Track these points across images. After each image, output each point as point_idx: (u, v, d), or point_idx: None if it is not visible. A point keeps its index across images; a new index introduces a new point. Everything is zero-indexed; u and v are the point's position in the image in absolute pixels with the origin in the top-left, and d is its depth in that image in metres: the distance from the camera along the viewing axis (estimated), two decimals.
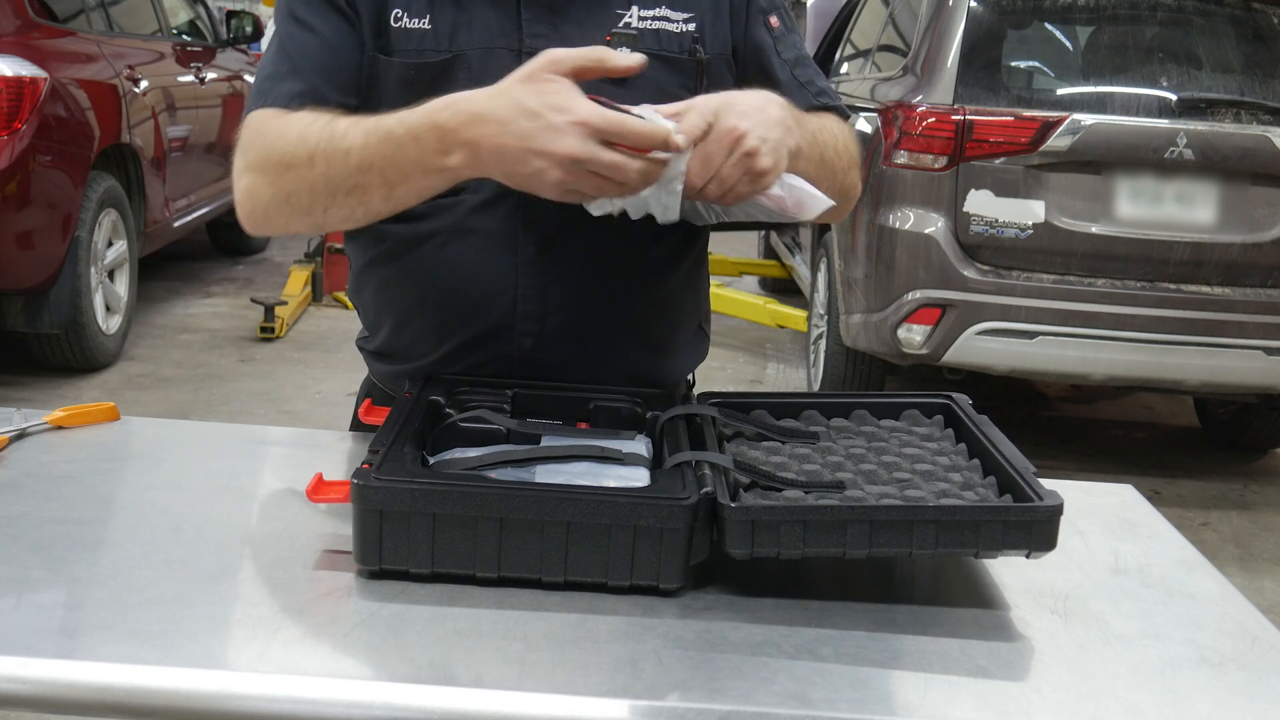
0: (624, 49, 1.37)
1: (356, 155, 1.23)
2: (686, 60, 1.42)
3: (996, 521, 1.11)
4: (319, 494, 1.16)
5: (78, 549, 1.15)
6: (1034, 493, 1.13)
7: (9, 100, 4.47)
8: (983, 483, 1.21)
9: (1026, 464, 1.19)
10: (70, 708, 0.97)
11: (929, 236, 4.30)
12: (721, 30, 1.45)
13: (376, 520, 1.09)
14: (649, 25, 1.41)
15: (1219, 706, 1.02)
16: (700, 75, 1.43)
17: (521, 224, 1.40)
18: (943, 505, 1.13)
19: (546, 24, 1.39)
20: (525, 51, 1.38)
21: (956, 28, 4.42)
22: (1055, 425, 5.44)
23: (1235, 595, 1.24)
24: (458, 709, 0.95)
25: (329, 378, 5.20)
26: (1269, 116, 4.32)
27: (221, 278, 6.97)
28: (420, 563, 1.10)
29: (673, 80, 1.42)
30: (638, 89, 1.37)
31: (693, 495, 1.10)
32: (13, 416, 1.44)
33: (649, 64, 1.35)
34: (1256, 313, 4.25)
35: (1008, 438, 1.27)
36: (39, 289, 4.72)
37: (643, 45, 1.40)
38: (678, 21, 1.43)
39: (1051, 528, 1.11)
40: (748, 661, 1.01)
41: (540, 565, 1.10)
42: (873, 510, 1.10)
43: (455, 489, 1.09)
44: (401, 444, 1.17)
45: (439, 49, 1.39)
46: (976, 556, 1.15)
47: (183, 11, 6.94)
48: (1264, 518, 4.49)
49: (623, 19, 1.41)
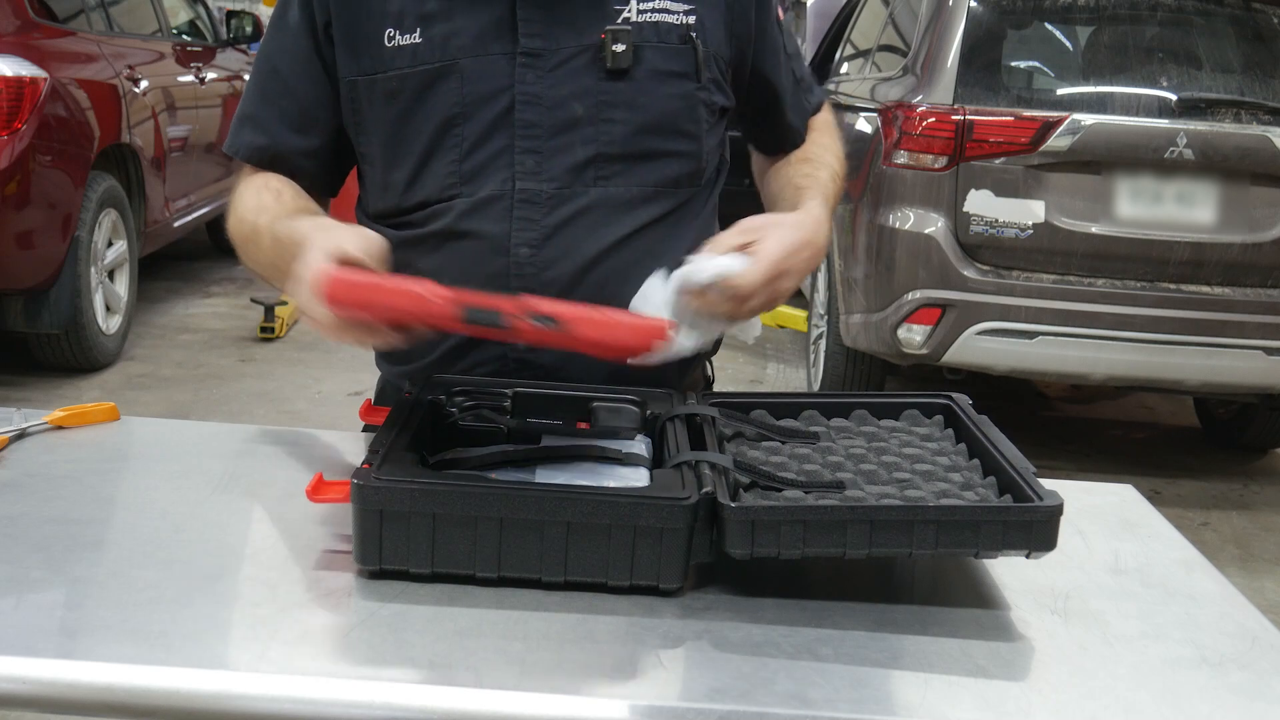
0: (619, 45, 1.38)
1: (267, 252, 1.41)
2: (684, 49, 1.43)
3: (996, 521, 1.11)
4: (319, 494, 1.16)
5: (78, 549, 1.15)
6: (1034, 493, 1.13)
7: (9, 100, 4.47)
8: (983, 483, 1.21)
9: (1027, 464, 1.19)
10: (70, 708, 0.97)
11: (929, 236, 4.29)
12: (720, 23, 1.46)
13: (376, 520, 1.09)
14: (648, 18, 1.42)
15: (1219, 706, 1.02)
16: (699, 64, 1.44)
17: (514, 226, 1.41)
18: (943, 505, 1.13)
19: (542, 23, 1.40)
20: (520, 53, 1.39)
21: (956, 28, 4.42)
22: (1055, 425, 5.44)
23: (1235, 595, 1.24)
24: (458, 709, 0.95)
25: (329, 378, 5.20)
26: (1269, 116, 4.31)
27: (221, 278, 6.97)
28: (420, 563, 1.10)
29: (672, 70, 1.43)
30: (637, 79, 1.41)
31: (693, 495, 1.10)
32: (13, 416, 1.44)
33: (647, 54, 1.41)
34: (1256, 313, 4.25)
35: (1007, 438, 1.27)
36: (39, 289, 4.72)
37: (639, 38, 1.41)
38: (678, 13, 1.43)
39: (1051, 528, 1.11)
40: (748, 661, 1.01)
41: (540, 565, 1.10)
42: (873, 510, 1.10)
43: (455, 489, 1.09)
44: (402, 444, 1.17)
45: (430, 60, 1.40)
46: (976, 556, 1.15)
47: (183, 11, 6.94)
48: (1264, 518, 4.49)
49: (621, 14, 1.41)
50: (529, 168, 1.41)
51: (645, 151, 1.43)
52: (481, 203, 1.41)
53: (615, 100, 1.41)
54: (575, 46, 1.40)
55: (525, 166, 1.41)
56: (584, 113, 1.40)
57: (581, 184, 1.41)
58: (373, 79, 1.42)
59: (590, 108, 1.41)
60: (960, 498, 1.17)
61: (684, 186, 1.47)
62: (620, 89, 1.41)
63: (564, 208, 1.41)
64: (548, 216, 1.41)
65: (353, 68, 1.43)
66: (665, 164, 1.45)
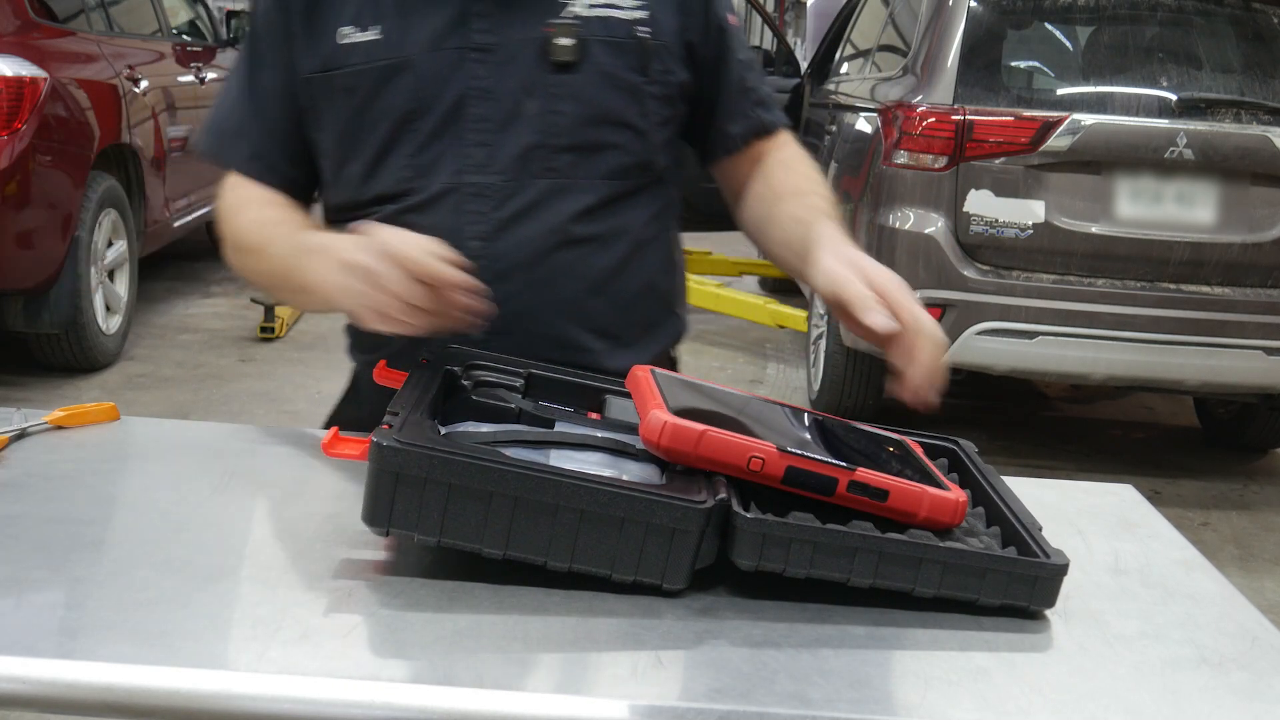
0: (564, 39, 1.41)
1: (271, 262, 1.43)
2: (631, 43, 1.45)
3: (1003, 572, 1.11)
4: (334, 449, 1.15)
5: (78, 549, 1.15)
6: (1040, 549, 1.13)
7: (9, 100, 4.47)
8: (986, 531, 1.21)
9: (1034, 520, 1.19)
10: (70, 708, 0.97)
11: (929, 236, 4.30)
12: (672, 20, 1.49)
13: (391, 482, 1.08)
14: (597, 13, 1.44)
15: (1219, 706, 1.02)
16: (647, 58, 1.46)
17: (464, 220, 1.43)
18: (952, 548, 1.12)
19: (492, 19, 1.43)
20: (471, 48, 1.42)
21: (956, 28, 4.42)
22: (1055, 425, 5.45)
23: (1235, 595, 1.24)
24: (458, 709, 0.95)
25: (329, 378, 5.20)
26: (1269, 116, 4.32)
27: (221, 278, 6.96)
28: (429, 530, 1.09)
29: (619, 64, 1.45)
30: (584, 72, 1.43)
31: (708, 500, 1.09)
32: (13, 416, 1.44)
33: (594, 49, 1.43)
34: (1256, 313, 4.25)
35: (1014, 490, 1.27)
36: (39, 289, 4.72)
37: (586, 31, 1.43)
38: (626, 8, 1.46)
39: (1054, 586, 1.12)
40: (748, 661, 1.01)
41: (548, 549, 1.09)
42: (883, 542, 1.10)
43: (475, 462, 1.08)
44: (420, 410, 1.17)
45: (386, 56, 1.43)
46: (976, 603, 1.13)
47: (183, 11, 6.94)
48: (1264, 518, 4.49)
49: (567, 8, 1.44)
50: (478, 160, 1.43)
51: (591, 143, 1.45)
52: (434, 196, 1.44)
53: (562, 93, 1.44)
54: (522, 40, 1.43)
55: (475, 159, 1.43)
56: (532, 106, 1.43)
57: (529, 175, 1.44)
58: (328, 75, 1.45)
59: (539, 100, 1.43)
60: (965, 543, 1.17)
61: (632, 178, 1.49)
62: (567, 81, 1.44)
63: (513, 201, 1.44)
64: (497, 210, 1.44)
65: (308, 65, 1.45)
66: (611, 155, 1.47)
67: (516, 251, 1.44)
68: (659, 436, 1.12)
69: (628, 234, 1.50)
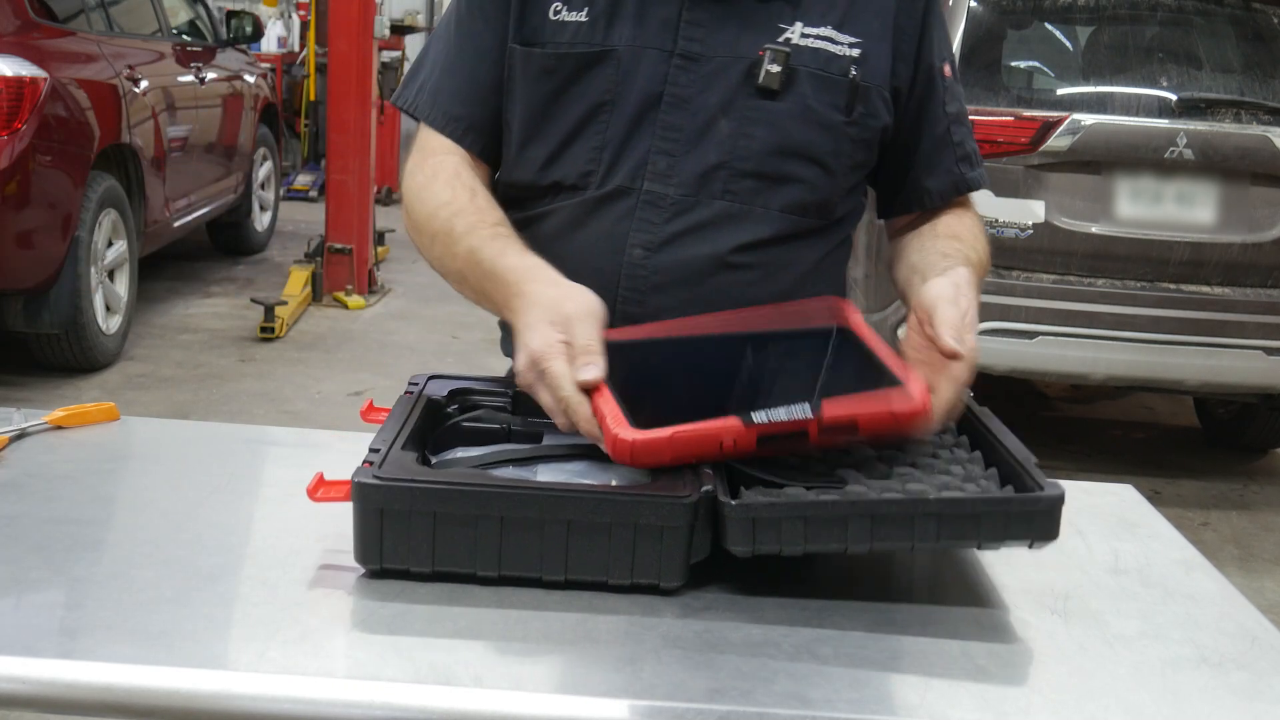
0: (774, 65, 1.37)
1: (460, 262, 1.38)
2: (841, 81, 1.40)
3: (998, 513, 1.11)
4: (320, 493, 1.16)
5: (78, 549, 1.15)
6: (1035, 483, 1.13)
7: (9, 100, 4.46)
8: (984, 475, 1.21)
9: (1028, 455, 1.19)
10: (70, 708, 0.97)
11: None
12: (883, 63, 1.43)
13: (377, 519, 1.09)
14: (810, 43, 1.40)
15: (1219, 706, 1.02)
16: (854, 99, 1.41)
17: (633, 226, 1.40)
18: (944, 498, 1.13)
19: (705, 28, 1.39)
20: (678, 53, 1.39)
21: (956, 28, 4.42)
22: (1055, 425, 5.44)
23: (1235, 595, 1.24)
24: (458, 709, 0.95)
25: (329, 378, 5.20)
26: (1269, 116, 4.31)
27: (221, 278, 6.96)
28: (421, 562, 1.10)
29: (823, 100, 1.40)
30: (786, 101, 1.39)
31: (693, 493, 1.10)
32: (13, 416, 1.44)
33: (801, 79, 1.37)
34: (1256, 313, 4.25)
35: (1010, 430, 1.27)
36: (39, 289, 4.71)
37: (798, 61, 1.39)
38: (842, 45, 1.41)
39: (1053, 518, 1.11)
40: (748, 661, 1.01)
41: (541, 564, 1.10)
42: (874, 504, 1.10)
43: (455, 488, 1.09)
44: (402, 443, 1.17)
45: (591, 42, 1.39)
46: (979, 548, 1.15)
47: (183, 11, 6.94)
48: (1264, 518, 4.49)
49: (784, 34, 1.39)
50: (660, 169, 1.39)
51: (777, 174, 1.41)
52: (608, 195, 1.40)
53: (758, 117, 1.39)
54: (730, 57, 1.39)
55: (657, 167, 1.39)
56: (726, 124, 1.39)
57: (708, 194, 1.40)
58: (529, 51, 1.41)
59: (734, 121, 1.39)
60: (962, 490, 1.17)
61: (810, 216, 1.44)
62: (767, 107, 1.39)
63: (686, 216, 1.40)
64: (669, 223, 1.40)
65: (517, 32, 1.42)
66: (795, 189, 1.42)
67: (679, 268, 1.40)
68: (630, 457, 1.12)
69: (794, 269, 1.45)
